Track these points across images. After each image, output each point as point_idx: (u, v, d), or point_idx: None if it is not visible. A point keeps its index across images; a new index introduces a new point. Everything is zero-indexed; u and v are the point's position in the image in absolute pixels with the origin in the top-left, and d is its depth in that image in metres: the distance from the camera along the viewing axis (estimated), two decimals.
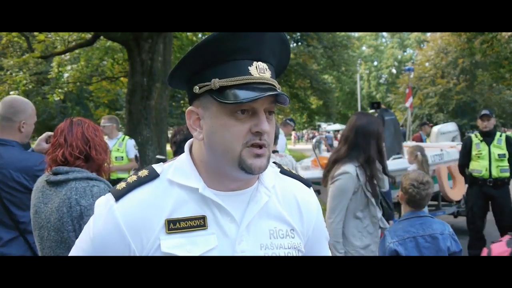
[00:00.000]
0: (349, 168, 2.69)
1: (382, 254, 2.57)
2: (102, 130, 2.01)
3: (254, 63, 0.92)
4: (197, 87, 0.94)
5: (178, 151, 3.01)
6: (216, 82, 0.90)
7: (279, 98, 0.93)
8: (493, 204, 4.90)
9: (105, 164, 1.94)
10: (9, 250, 2.29)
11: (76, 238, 1.11)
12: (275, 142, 3.70)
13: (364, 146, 2.73)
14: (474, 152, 4.93)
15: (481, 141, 4.92)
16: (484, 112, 4.93)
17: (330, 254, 1.22)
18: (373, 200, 2.75)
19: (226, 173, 0.95)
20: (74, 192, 1.74)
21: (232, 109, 0.90)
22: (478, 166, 4.89)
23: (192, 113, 0.98)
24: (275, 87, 0.94)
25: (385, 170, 2.84)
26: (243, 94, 0.88)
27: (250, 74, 0.91)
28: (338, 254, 2.63)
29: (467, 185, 5.33)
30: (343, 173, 2.69)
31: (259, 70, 0.92)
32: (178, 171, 0.99)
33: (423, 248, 2.45)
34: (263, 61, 0.94)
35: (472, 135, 5.12)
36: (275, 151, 3.23)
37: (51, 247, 1.75)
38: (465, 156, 5.04)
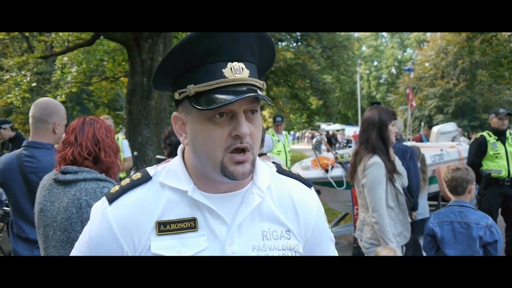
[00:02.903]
0: (377, 159, 2.84)
1: (425, 232, 2.94)
2: (114, 131, 1.98)
3: (229, 64, 0.90)
4: (177, 93, 0.94)
5: (173, 152, 3.00)
6: (191, 89, 0.90)
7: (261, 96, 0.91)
8: (507, 203, 4.78)
9: (115, 167, 1.90)
10: None
11: None
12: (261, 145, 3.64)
13: (368, 136, 2.91)
14: (491, 152, 4.78)
15: (496, 140, 4.79)
16: (503, 110, 4.81)
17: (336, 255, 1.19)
18: (400, 189, 2.93)
19: (212, 178, 0.96)
20: (84, 193, 1.72)
21: (210, 114, 0.89)
22: (496, 166, 4.76)
23: (177, 118, 0.99)
24: (254, 86, 0.92)
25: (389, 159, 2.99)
26: (217, 99, 0.87)
27: (224, 76, 0.89)
28: (391, 245, 2.76)
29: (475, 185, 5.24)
30: (372, 164, 2.84)
31: (234, 71, 0.90)
32: (169, 174, 1.00)
33: (457, 232, 2.77)
34: (238, 61, 0.91)
35: (485, 134, 4.94)
36: (262, 154, 3.18)
37: (56, 247, 1.73)
38: (480, 156, 4.87)
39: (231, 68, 0.90)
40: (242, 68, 0.91)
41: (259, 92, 0.91)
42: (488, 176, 4.82)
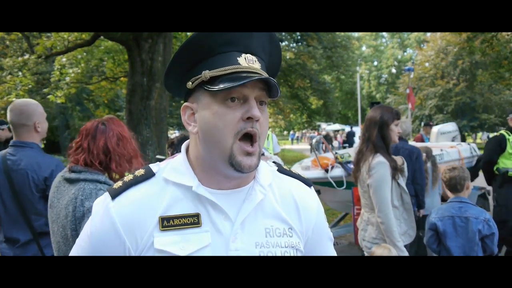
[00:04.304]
0: (382, 158, 2.83)
1: (427, 226, 3.06)
2: (129, 135, 1.99)
3: (243, 54, 0.95)
4: (190, 82, 0.97)
5: (177, 148, 3.04)
6: (206, 74, 0.94)
7: (271, 91, 0.95)
8: None
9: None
10: (25, 252, 2.30)
11: (76, 238, 1.12)
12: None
13: (370, 135, 2.91)
14: (510, 150, 4.81)
15: None
16: None
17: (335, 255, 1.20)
18: (405, 188, 2.93)
19: (218, 169, 0.96)
20: (81, 192, 1.76)
21: (223, 97, 0.92)
22: None
23: (187, 108, 1.00)
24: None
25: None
26: (232, 82, 0.90)
27: (238, 63, 0.93)
28: (398, 244, 2.77)
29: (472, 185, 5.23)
30: (378, 164, 2.83)
31: (248, 61, 0.95)
32: (173, 170, 1.00)
33: (458, 226, 2.93)
34: (251, 54, 0.97)
35: (503, 133, 4.98)
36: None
37: (58, 243, 1.78)
38: (498, 153, 4.88)
39: (245, 58, 0.95)
40: (255, 60, 0.96)
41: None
42: (505, 174, 4.84)
